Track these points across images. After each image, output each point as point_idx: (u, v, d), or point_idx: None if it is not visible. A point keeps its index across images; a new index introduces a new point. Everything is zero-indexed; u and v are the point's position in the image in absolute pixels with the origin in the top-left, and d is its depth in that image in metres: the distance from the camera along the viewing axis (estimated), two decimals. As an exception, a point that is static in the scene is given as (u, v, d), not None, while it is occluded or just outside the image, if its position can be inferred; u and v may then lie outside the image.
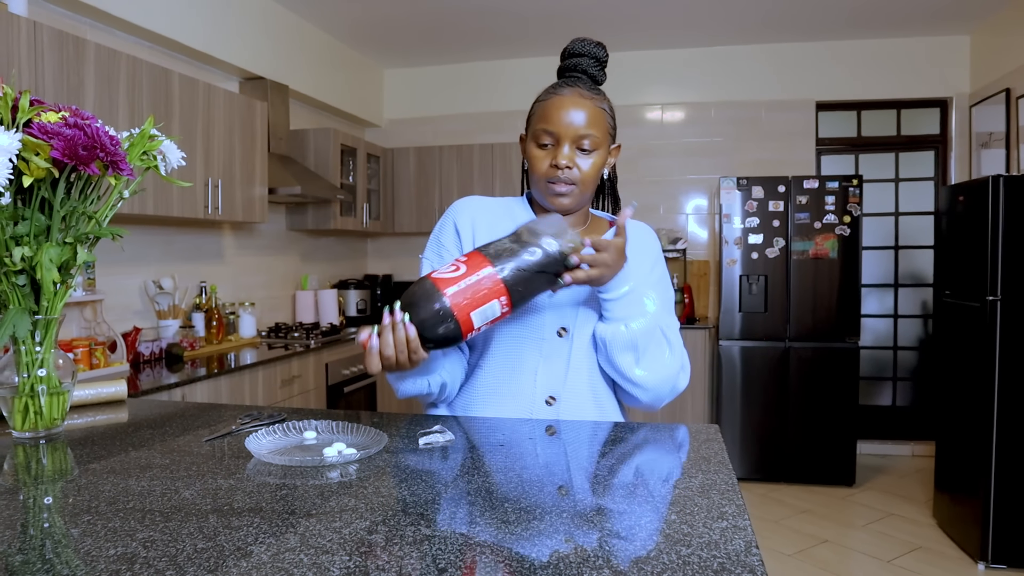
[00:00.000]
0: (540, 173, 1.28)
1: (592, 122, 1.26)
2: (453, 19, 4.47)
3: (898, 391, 5.05)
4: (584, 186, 1.28)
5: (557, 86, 1.30)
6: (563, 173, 1.26)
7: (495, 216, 1.36)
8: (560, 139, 1.26)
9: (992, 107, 4.38)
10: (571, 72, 1.32)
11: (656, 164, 5.12)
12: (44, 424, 1.14)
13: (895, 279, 5.02)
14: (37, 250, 1.07)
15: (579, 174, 1.26)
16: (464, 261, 1.09)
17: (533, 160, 1.29)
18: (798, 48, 4.94)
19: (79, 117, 1.07)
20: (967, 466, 3.29)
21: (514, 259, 1.08)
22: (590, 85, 1.30)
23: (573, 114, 1.25)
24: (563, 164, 1.25)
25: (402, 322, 1.07)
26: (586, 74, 1.32)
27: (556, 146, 1.26)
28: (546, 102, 1.28)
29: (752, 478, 4.36)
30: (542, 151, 1.28)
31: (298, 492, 0.88)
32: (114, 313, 3.10)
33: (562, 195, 1.28)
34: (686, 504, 0.85)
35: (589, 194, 1.32)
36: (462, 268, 1.07)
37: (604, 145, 1.29)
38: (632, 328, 1.23)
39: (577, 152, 1.26)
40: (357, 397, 4.13)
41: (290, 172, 3.89)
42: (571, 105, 1.25)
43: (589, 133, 1.25)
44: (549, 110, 1.27)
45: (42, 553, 0.71)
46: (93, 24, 3.04)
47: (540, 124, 1.28)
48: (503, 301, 1.08)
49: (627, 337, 1.23)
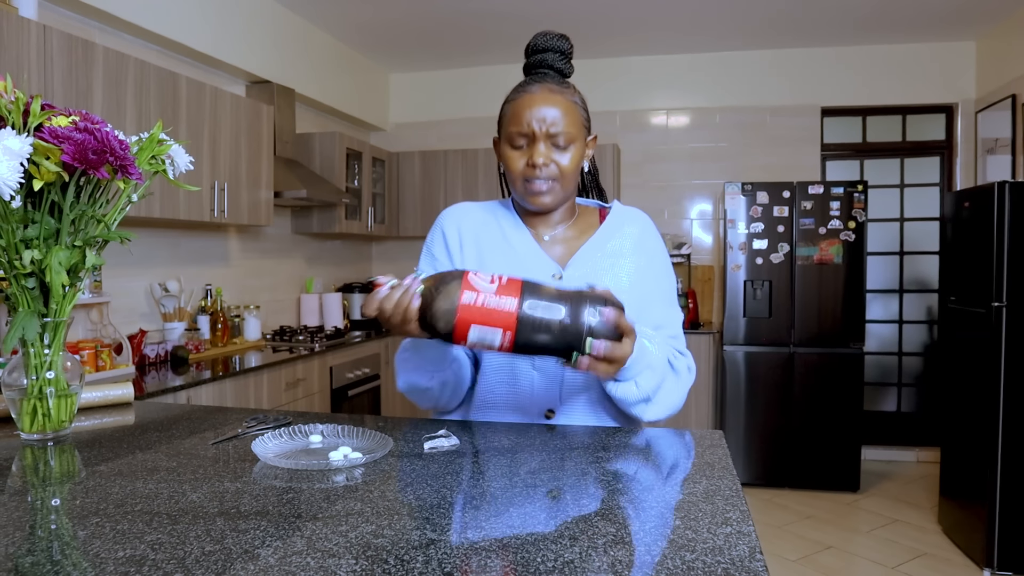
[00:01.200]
0: (517, 173, 1.26)
1: (565, 117, 1.24)
2: (459, 23, 4.48)
3: (903, 397, 5.04)
4: (565, 181, 1.26)
5: (525, 84, 1.28)
6: (541, 171, 1.24)
7: (479, 221, 1.35)
8: (534, 137, 1.24)
9: (998, 113, 4.38)
10: (537, 69, 1.31)
11: (661, 169, 5.13)
12: (52, 426, 1.14)
13: (900, 285, 5.01)
14: (46, 253, 1.08)
15: (557, 170, 1.25)
16: (503, 283, 1.05)
17: (509, 161, 1.27)
18: (803, 53, 4.94)
19: (89, 121, 1.08)
20: (972, 472, 3.28)
21: (540, 304, 1.04)
22: (559, 80, 1.28)
23: (545, 111, 1.23)
24: (540, 162, 1.23)
25: (414, 292, 1.05)
26: (552, 68, 1.30)
27: (531, 145, 1.25)
28: (516, 101, 1.26)
29: (756, 483, 4.35)
30: (517, 151, 1.26)
31: (304, 496, 0.88)
32: (120, 315, 3.11)
33: (542, 193, 1.26)
34: (690, 509, 0.85)
35: (571, 189, 1.30)
36: (494, 285, 1.04)
37: (580, 138, 1.27)
38: (643, 385, 1.18)
39: (553, 149, 1.24)
40: (361, 401, 4.14)
41: (296, 176, 3.90)
42: (541, 102, 1.24)
43: (563, 129, 1.23)
44: (520, 109, 1.25)
45: (51, 555, 0.72)
46: (102, 28, 3.06)
47: (512, 126, 1.26)
48: (506, 336, 1.03)
49: (638, 395, 1.19)
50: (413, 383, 1.28)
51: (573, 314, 1.03)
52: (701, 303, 4.99)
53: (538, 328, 1.03)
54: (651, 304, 1.32)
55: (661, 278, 1.35)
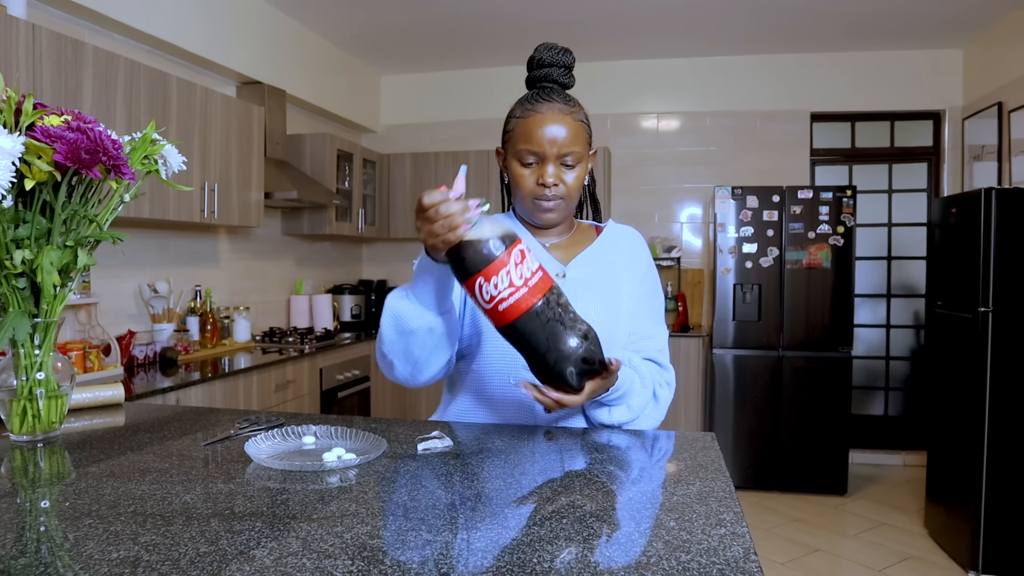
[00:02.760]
0: (527, 191, 1.30)
1: (574, 138, 1.28)
2: (450, 26, 4.48)
3: (890, 401, 5.08)
4: (570, 199, 1.32)
5: (534, 102, 1.30)
6: (551, 191, 1.29)
7: None
8: (544, 158, 1.28)
9: (984, 120, 4.42)
10: (542, 83, 1.33)
11: (651, 173, 5.14)
12: (42, 427, 1.13)
13: (888, 289, 5.05)
14: (38, 253, 1.07)
15: (565, 189, 1.30)
16: (543, 270, 1.09)
17: (518, 179, 1.30)
18: (793, 59, 4.98)
19: (82, 121, 1.07)
20: (959, 476, 3.31)
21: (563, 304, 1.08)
22: (564, 97, 1.31)
23: (555, 131, 1.27)
24: (551, 183, 1.28)
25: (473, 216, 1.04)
26: (557, 83, 1.33)
27: (540, 164, 1.29)
28: (526, 120, 1.29)
29: (745, 486, 4.36)
30: (527, 169, 1.30)
31: (299, 497, 0.88)
32: (108, 316, 3.09)
33: (550, 211, 1.32)
34: (684, 511, 0.85)
35: (574, 204, 1.36)
36: (536, 265, 1.08)
37: (585, 156, 1.32)
38: (615, 415, 1.27)
39: (562, 168, 1.29)
40: (351, 402, 4.13)
41: (286, 177, 3.89)
42: (552, 122, 1.27)
43: (572, 150, 1.28)
44: (530, 129, 1.28)
45: (44, 557, 0.71)
46: (92, 27, 3.04)
47: (523, 144, 1.28)
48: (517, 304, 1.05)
49: (610, 420, 1.28)
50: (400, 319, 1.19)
51: (578, 340, 1.07)
52: (691, 306, 5.01)
53: (545, 320, 1.06)
54: (642, 317, 1.38)
55: (652, 295, 1.42)
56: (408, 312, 1.18)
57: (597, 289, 1.35)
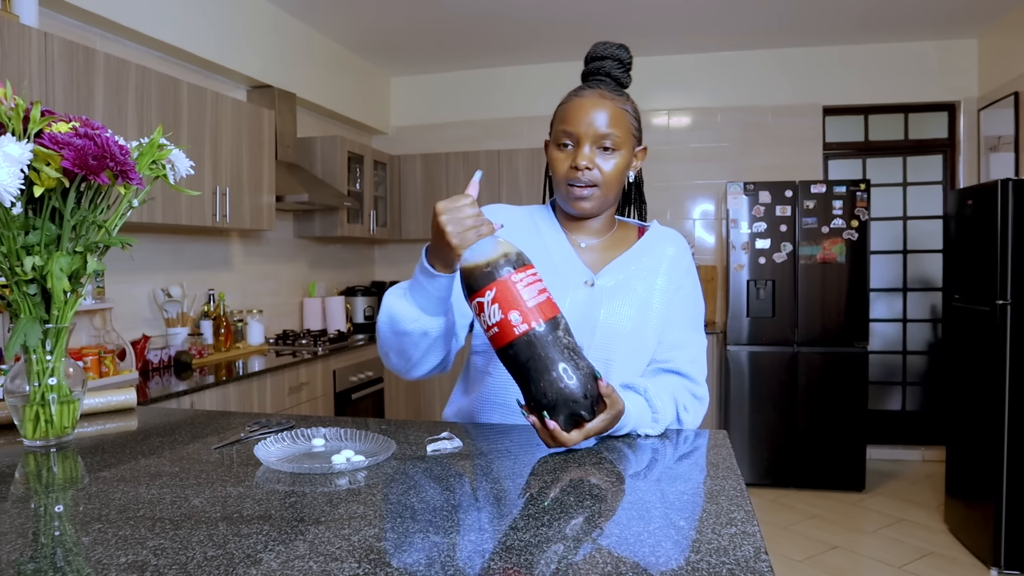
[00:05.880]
0: (560, 175, 1.26)
1: (613, 121, 1.23)
2: (460, 26, 4.48)
3: (908, 396, 5.02)
4: (606, 188, 1.26)
5: (579, 88, 1.28)
6: (583, 174, 1.24)
7: (517, 221, 1.34)
8: (580, 140, 1.24)
9: (1001, 110, 4.36)
10: (594, 76, 1.30)
11: (663, 169, 5.12)
12: (55, 432, 1.14)
13: (904, 283, 5.00)
14: (48, 259, 1.08)
15: (600, 175, 1.24)
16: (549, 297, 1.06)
17: (554, 162, 1.28)
18: (805, 52, 4.94)
19: (89, 127, 1.08)
20: (978, 471, 3.26)
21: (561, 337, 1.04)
22: (613, 87, 1.28)
23: (593, 114, 1.23)
24: (583, 165, 1.23)
25: (491, 231, 1.07)
26: (609, 76, 1.29)
27: (576, 147, 1.25)
28: (567, 104, 1.27)
29: (761, 483, 4.34)
30: (562, 152, 1.26)
31: (307, 499, 0.88)
32: (123, 321, 3.11)
33: (583, 198, 1.26)
34: (694, 510, 0.84)
35: (613, 197, 1.29)
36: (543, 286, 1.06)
37: (627, 145, 1.26)
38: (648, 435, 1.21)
39: (598, 152, 1.24)
40: (364, 404, 4.14)
41: (297, 180, 3.91)
42: (591, 106, 1.24)
43: (609, 132, 1.23)
44: (569, 111, 1.25)
45: (54, 561, 0.71)
46: (103, 34, 3.07)
47: (560, 125, 1.26)
48: (516, 326, 1.02)
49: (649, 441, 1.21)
50: (396, 320, 1.18)
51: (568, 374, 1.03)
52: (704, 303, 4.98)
53: (539, 348, 1.02)
54: (675, 325, 1.32)
55: (690, 302, 1.35)
56: (404, 314, 1.16)
57: (627, 295, 1.29)
